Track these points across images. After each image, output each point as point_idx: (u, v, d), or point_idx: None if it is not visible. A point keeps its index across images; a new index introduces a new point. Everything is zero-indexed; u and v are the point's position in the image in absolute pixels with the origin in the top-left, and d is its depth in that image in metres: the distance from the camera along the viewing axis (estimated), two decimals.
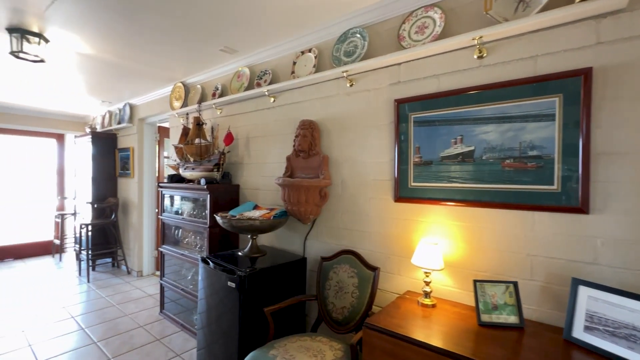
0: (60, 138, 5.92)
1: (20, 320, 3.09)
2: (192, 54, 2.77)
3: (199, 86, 3.31)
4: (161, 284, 3.25)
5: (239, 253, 2.32)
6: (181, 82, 3.51)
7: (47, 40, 2.46)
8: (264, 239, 2.69)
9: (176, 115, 3.54)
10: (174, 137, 3.78)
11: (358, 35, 2.01)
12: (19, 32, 2.30)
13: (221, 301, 2.05)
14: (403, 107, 1.85)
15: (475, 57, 1.60)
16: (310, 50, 2.31)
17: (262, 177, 2.74)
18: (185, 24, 2.23)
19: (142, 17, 2.13)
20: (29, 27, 2.30)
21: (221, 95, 3.04)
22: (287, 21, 2.17)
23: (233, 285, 1.92)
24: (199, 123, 2.97)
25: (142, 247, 4.50)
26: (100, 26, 2.27)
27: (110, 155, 4.91)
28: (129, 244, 4.69)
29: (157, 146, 4.67)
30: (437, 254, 1.60)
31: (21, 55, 2.39)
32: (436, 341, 1.27)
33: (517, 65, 1.50)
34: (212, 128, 3.14)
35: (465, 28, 1.63)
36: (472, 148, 1.62)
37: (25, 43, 2.34)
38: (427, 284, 1.63)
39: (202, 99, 3.27)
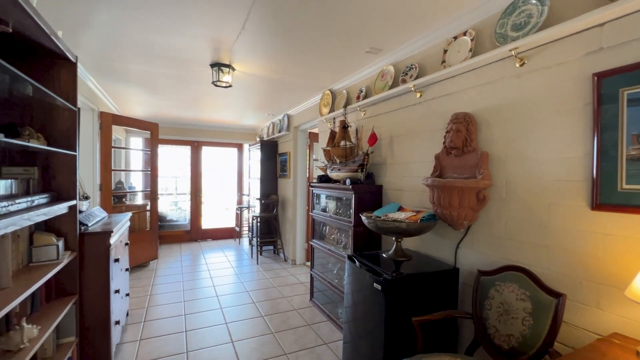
0: (239, 147, 7.51)
1: (215, 289, 4.04)
2: (338, 60, 2.93)
3: (344, 91, 3.49)
4: (311, 274, 3.58)
5: (383, 255, 2.27)
6: (329, 90, 3.78)
7: (233, 69, 3.12)
8: (408, 243, 2.55)
9: (324, 120, 3.85)
10: (322, 141, 4.13)
11: (534, 1, 1.61)
12: (216, 65, 3.00)
13: (365, 299, 2.05)
14: (609, 82, 1.36)
15: None
16: (465, 34, 2.03)
17: (406, 177, 2.61)
18: (333, 33, 2.36)
19: (296, 34, 2.38)
20: (222, 61, 2.97)
21: (365, 97, 3.09)
22: (435, 7, 1.97)
23: (379, 287, 1.89)
24: (344, 126, 3.12)
25: (296, 239, 5.12)
26: (267, 49, 2.69)
27: (273, 159, 5.85)
28: (285, 235, 5.44)
29: (307, 150, 5.24)
30: None
31: (217, 83, 3.12)
32: None
33: None
34: (357, 130, 3.23)
35: None
36: None
37: (220, 73, 3.04)
38: None
39: (347, 103, 3.42)
